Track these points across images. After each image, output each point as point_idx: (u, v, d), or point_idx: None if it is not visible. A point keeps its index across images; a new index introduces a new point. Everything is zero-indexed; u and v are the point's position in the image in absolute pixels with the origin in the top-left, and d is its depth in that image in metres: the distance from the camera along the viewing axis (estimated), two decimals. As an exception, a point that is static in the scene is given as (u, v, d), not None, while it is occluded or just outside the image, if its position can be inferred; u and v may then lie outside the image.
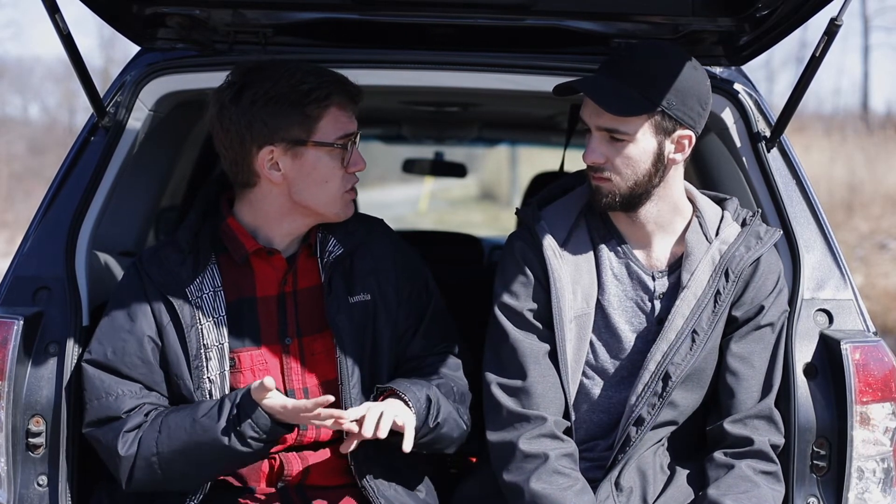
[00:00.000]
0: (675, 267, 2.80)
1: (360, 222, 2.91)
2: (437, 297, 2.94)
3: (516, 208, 2.92)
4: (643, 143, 2.68)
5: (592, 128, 2.70)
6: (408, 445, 2.60)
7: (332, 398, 2.54)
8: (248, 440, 2.60)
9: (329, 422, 2.56)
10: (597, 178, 2.72)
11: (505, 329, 2.76)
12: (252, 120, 2.69)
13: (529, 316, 2.76)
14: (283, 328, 2.78)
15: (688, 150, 2.75)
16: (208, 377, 2.71)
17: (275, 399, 2.58)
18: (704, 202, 2.87)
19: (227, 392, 2.72)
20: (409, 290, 2.88)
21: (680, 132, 2.71)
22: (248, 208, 2.81)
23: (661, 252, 2.81)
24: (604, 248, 2.81)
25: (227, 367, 2.73)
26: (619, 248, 2.81)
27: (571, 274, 2.77)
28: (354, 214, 2.90)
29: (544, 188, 2.95)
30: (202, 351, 2.72)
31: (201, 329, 2.72)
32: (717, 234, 2.80)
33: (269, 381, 2.54)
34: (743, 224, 2.84)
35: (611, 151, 2.69)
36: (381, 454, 2.77)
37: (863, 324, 2.91)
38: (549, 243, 2.78)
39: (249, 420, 2.59)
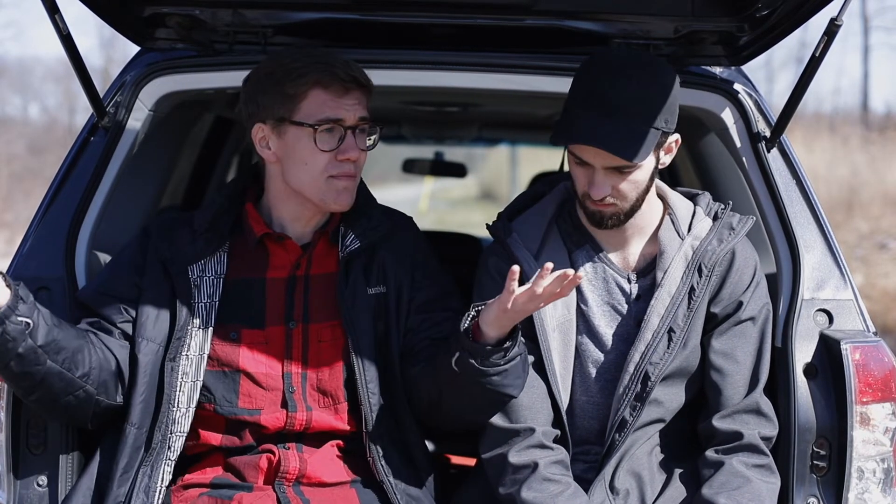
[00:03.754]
0: (651, 267, 2.80)
1: (388, 217, 2.92)
2: (459, 300, 2.90)
3: (487, 223, 2.89)
4: (646, 164, 2.68)
5: (597, 166, 2.66)
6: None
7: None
8: None
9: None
10: (601, 205, 2.69)
11: None
12: (248, 98, 2.79)
13: None
14: (290, 311, 2.79)
15: (675, 150, 2.76)
16: (186, 354, 2.74)
17: None
18: (676, 198, 2.87)
19: (201, 372, 2.75)
20: (426, 289, 2.86)
21: (670, 139, 2.72)
22: (266, 189, 2.87)
23: (636, 253, 2.82)
24: (579, 254, 2.81)
25: (206, 350, 2.75)
26: (593, 254, 2.81)
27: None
28: (384, 209, 2.92)
29: (514, 199, 2.94)
30: (188, 328, 2.75)
31: (194, 307, 2.75)
32: (689, 230, 2.81)
33: None
34: (715, 218, 2.84)
35: (618, 181, 2.66)
36: (399, 451, 2.79)
37: (863, 324, 2.91)
38: (523, 256, 2.77)
39: None
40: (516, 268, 2.49)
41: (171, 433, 2.73)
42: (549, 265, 2.45)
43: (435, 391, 2.73)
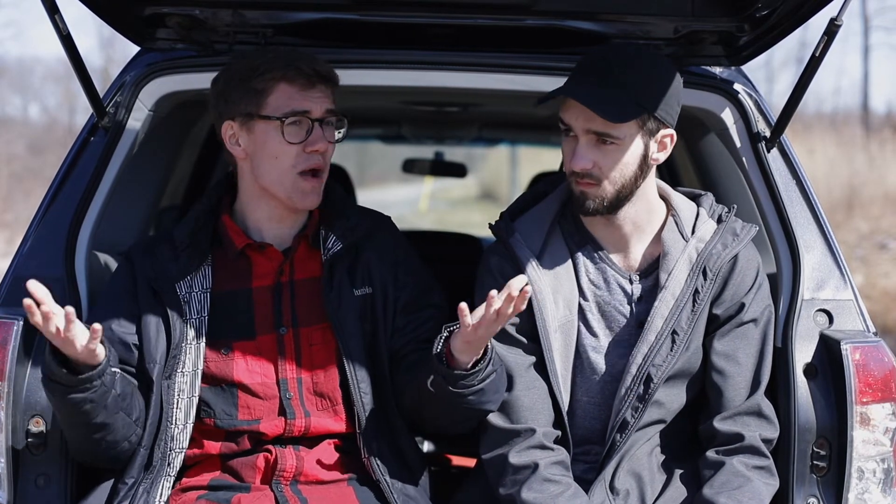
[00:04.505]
0: (653, 268, 2.80)
1: (365, 217, 2.94)
2: (440, 295, 2.94)
3: (489, 223, 2.90)
4: (632, 146, 2.68)
5: (580, 132, 2.68)
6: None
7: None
8: (50, 381, 2.57)
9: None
10: (583, 183, 2.70)
11: None
12: (217, 99, 2.83)
13: (511, 330, 2.76)
14: (279, 318, 2.81)
15: (669, 149, 2.76)
16: (181, 370, 2.75)
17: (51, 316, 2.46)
18: (679, 199, 2.87)
19: (196, 388, 2.76)
20: (409, 287, 2.88)
21: (663, 132, 2.72)
22: (239, 194, 2.88)
23: (638, 254, 2.81)
24: (581, 254, 2.81)
25: (200, 366, 2.76)
26: (595, 254, 2.81)
27: (551, 283, 2.76)
28: (360, 209, 2.95)
29: (516, 198, 2.95)
30: (182, 344, 2.76)
31: (186, 323, 2.76)
32: (693, 231, 2.80)
33: (31, 284, 2.44)
34: (719, 220, 2.84)
35: (599, 156, 2.68)
36: (392, 451, 2.79)
37: (863, 324, 2.91)
38: (526, 255, 2.77)
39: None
40: (464, 304, 2.50)
41: (170, 450, 2.74)
42: (493, 292, 2.48)
43: (416, 403, 2.76)
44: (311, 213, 2.89)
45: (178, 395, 2.75)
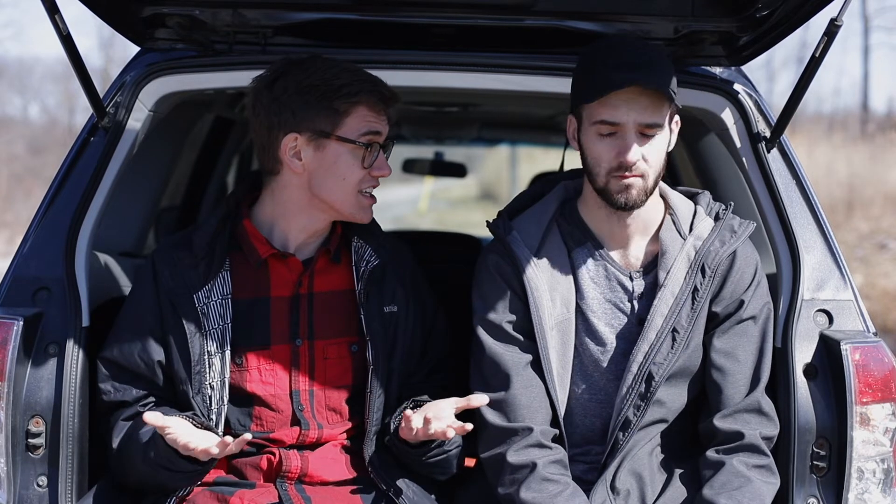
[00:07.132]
0: (652, 266, 2.81)
1: (388, 239, 2.96)
2: (443, 318, 2.99)
3: (487, 221, 2.90)
4: (665, 132, 2.72)
5: (631, 126, 2.66)
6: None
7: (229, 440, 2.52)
8: (173, 471, 2.63)
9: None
10: (630, 176, 2.68)
11: (485, 343, 2.77)
12: (281, 107, 2.74)
13: (509, 328, 2.76)
14: (295, 329, 2.80)
15: (675, 135, 2.78)
16: (209, 383, 2.73)
17: (175, 434, 2.55)
18: (676, 198, 2.87)
19: (225, 398, 2.74)
20: (422, 311, 2.92)
21: (675, 117, 2.75)
22: (270, 198, 2.84)
23: (638, 252, 2.82)
24: (579, 252, 2.82)
25: (227, 375, 2.74)
26: (595, 251, 2.81)
27: (548, 281, 2.77)
28: (383, 232, 2.96)
29: (514, 198, 2.96)
30: (205, 357, 2.74)
31: (205, 336, 2.74)
32: (690, 229, 2.81)
33: (149, 416, 2.51)
34: (716, 218, 2.84)
35: (645, 147, 2.68)
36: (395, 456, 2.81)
37: (863, 324, 2.91)
38: (524, 254, 2.78)
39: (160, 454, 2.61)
40: (409, 412, 2.64)
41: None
42: (429, 414, 2.61)
43: None
44: (333, 227, 2.88)
45: (211, 407, 2.73)
